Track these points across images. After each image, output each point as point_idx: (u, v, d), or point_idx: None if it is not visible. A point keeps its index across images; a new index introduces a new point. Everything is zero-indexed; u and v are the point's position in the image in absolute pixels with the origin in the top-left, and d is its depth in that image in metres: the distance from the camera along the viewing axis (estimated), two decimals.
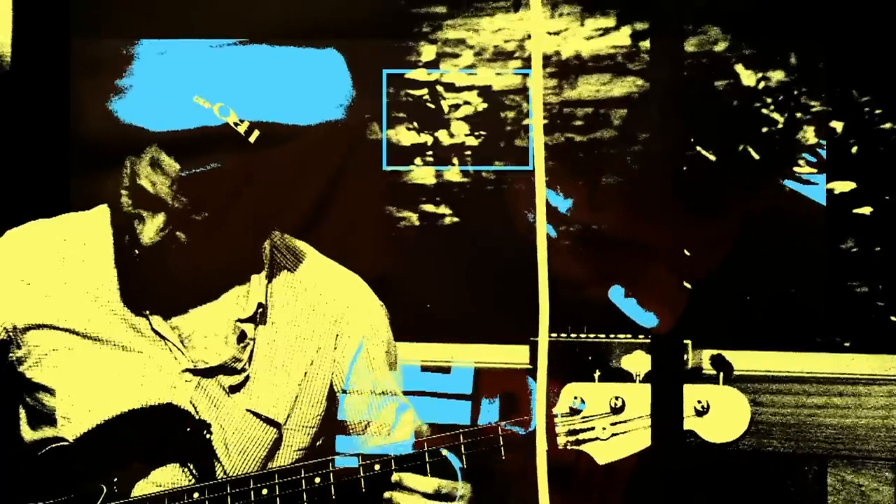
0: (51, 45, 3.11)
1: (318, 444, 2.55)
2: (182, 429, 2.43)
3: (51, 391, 2.45)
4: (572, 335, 2.43)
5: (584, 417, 2.35)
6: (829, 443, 3.02)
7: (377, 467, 2.35)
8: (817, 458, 3.03)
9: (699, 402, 2.30)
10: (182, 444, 2.43)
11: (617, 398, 2.34)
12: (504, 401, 2.88)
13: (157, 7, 3.02)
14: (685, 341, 2.32)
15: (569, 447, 2.35)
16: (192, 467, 2.42)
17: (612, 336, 2.47)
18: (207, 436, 2.43)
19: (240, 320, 2.47)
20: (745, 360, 3.02)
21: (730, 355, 2.35)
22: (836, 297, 3.12)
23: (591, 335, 2.44)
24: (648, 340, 2.35)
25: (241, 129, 2.34)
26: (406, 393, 2.59)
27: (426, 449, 2.35)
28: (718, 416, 2.31)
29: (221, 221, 2.40)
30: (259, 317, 2.48)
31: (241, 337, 2.46)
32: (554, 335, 2.16)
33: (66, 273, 2.49)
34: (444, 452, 2.36)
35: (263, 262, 2.53)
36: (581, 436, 2.35)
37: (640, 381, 2.34)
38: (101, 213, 2.54)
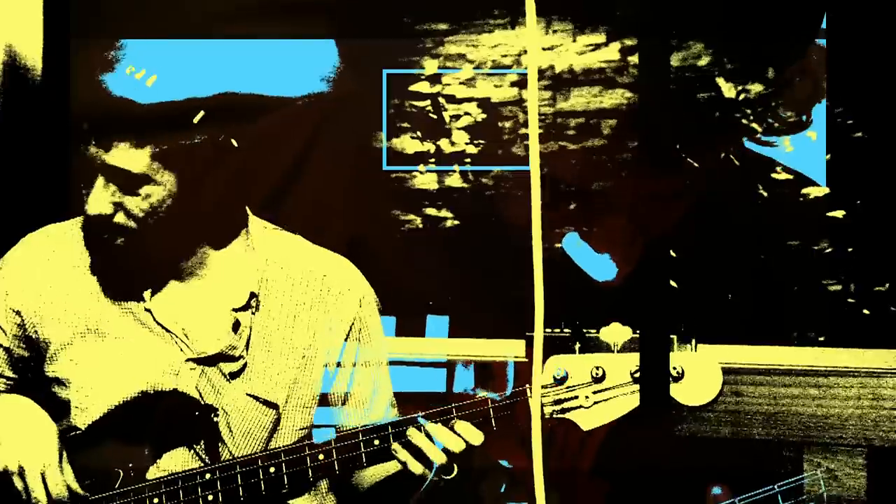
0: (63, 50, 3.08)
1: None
2: (189, 413, 2.44)
3: (65, 383, 2.47)
4: (566, 330, 2.41)
5: (567, 387, 2.36)
6: (804, 430, 3.04)
7: (377, 442, 2.38)
8: (794, 444, 3.05)
9: (674, 368, 2.32)
10: (190, 429, 2.44)
11: (597, 368, 2.36)
12: (479, 368, 3.03)
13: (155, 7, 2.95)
14: (671, 336, 2.35)
15: (554, 416, 2.37)
16: (200, 451, 2.43)
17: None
18: (214, 418, 2.44)
19: (234, 310, 2.49)
20: (727, 354, 3.06)
21: (713, 349, 2.41)
22: (811, 295, 3.16)
23: (584, 330, 2.42)
24: (637, 335, 2.36)
25: (139, 76, 2.33)
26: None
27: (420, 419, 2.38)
28: (693, 380, 2.33)
29: (197, 193, 2.41)
30: (253, 305, 2.49)
31: (236, 326, 2.47)
32: (548, 330, 2.33)
33: (76, 274, 2.52)
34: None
35: (252, 250, 2.53)
36: (565, 405, 2.37)
37: (617, 352, 2.36)
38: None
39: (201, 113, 2.36)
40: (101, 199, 2.36)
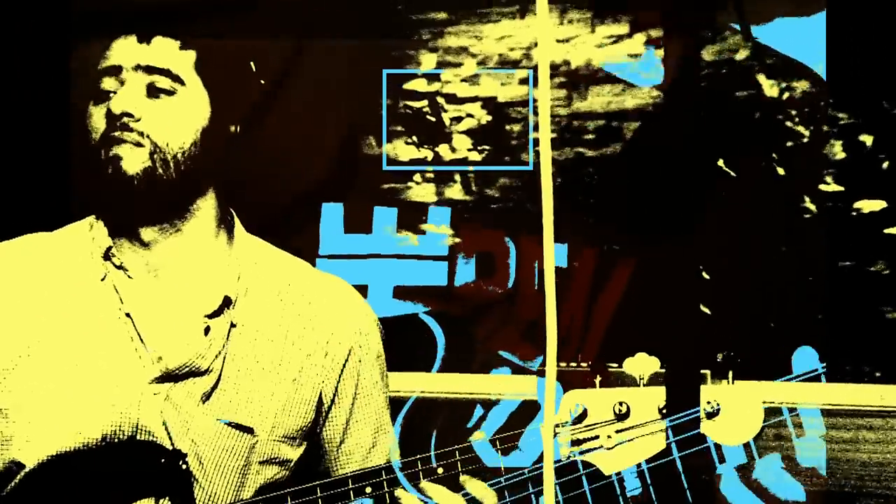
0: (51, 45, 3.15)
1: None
2: (155, 460, 2.37)
3: (3, 413, 2.39)
4: (582, 364, 2.37)
5: (587, 426, 2.32)
6: (858, 480, 3.02)
7: (368, 490, 2.33)
8: (846, 496, 3.03)
9: (709, 402, 2.29)
10: (156, 478, 2.38)
11: (621, 404, 2.30)
12: (480, 260, 3.10)
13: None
14: (703, 371, 2.31)
15: (572, 458, 2.33)
16: (168, 502, 2.37)
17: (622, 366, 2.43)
18: (183, 466, 2.37)
19: (207, 316, 2.45)
20: (768, 391, 2.82)
21: (752, 386, 2.32)
22: (865, 324, 3.10)
23: (606, 364, 2.38)
24: (663, 370, 2.33)
25: None
26: (381, 256, 2.68)
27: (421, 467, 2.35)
28: (730, 416, 2.30)
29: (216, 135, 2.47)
30: (229, 315, 2.46)
31: (206, 332, 2.45)
32: (563, 364, 2.32)
33: (36, 288, 2.45)
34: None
35: (233, 263, 2.53)
36: (584, 445, 2.32)
37: (643, 385, 2.31)
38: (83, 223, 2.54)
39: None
40: (132, 95, 2.40)
